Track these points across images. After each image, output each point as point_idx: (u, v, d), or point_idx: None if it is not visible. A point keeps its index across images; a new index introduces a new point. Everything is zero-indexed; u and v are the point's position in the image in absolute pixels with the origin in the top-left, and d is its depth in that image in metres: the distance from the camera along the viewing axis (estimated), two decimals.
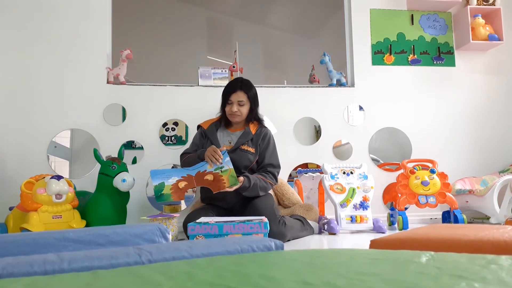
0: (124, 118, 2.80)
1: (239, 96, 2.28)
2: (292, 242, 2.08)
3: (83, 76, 2.79)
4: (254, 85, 2.39)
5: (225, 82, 2.78)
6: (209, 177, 2.08)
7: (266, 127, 2.41)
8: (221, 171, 2.07)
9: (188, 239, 1.80)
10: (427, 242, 1.13)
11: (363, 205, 2.45)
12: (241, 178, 2.10)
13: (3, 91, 2.69)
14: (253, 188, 2.15)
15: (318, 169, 2.93)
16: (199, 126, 2.44)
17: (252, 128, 2.34)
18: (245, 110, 2.31)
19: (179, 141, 2.85)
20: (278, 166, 2.34)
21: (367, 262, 0.71)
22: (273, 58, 4.68)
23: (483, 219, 2.84)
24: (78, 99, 2.77)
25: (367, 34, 3.15)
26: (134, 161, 2.70)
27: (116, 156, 2.46)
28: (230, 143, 2.33)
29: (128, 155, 2.63)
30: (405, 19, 3.21)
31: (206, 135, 2.35)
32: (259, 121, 2.40)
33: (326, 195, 2.52)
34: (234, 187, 2.08)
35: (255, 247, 0.99)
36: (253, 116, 2.36)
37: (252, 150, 2.27)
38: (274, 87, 3.04)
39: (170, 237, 1.36)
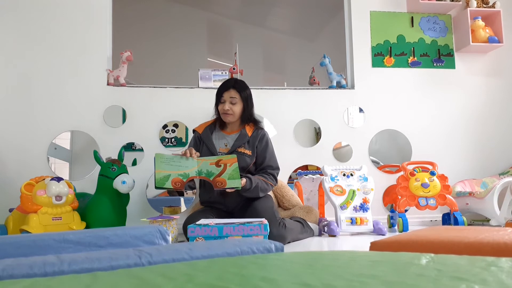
0: (124, 120, 2.81)
1: (231, 93, 2.27)
2: (292, 244, 2.08)
3: (83, 78, 2.79)
4: (254, 87, 2.39)
5: None
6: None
7: (262, 128, 2.38)
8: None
9: (188, 241, 1.80)
10: (427, 244, 1.13)
11: (363, 207, 2.45)
12: (244, 180, 2.10)
13: (3, 93, 2.69)
14: (254, 190, 2.16)
15: (318, 171, 2.93)
16: (194, 131, 2.41)
17: (248, 130, 2.31)
18: (237, 109, 2.28)
19: (179, 142, 2.85)
20: (277, 168, 2.34)
21: (367, 264, 0.71)
22: (273, 60, 4.68)
23: (483, 221, 2.84)
24: (78, 101, 2.77)
25: (367, 36, 3.16)
26: (134, 163, 2.70)
27: (116, 158, 2.46)
28: (226, 145, 2.30)
29: (128, 157, 2.64)
30: (405, 21, 3.21)
31: (201, 140, 2.32)
32: (255, 123, 2.37)
33: (326, 197, 2.52)
34: (234, 189, 2.08)
35: (255, 249, 0.99)
36: (248, 117, 2.33)
37: (248, 152, 2.26)
38: (274, 89, 3.04)
39: (170, 239, 1.36)
